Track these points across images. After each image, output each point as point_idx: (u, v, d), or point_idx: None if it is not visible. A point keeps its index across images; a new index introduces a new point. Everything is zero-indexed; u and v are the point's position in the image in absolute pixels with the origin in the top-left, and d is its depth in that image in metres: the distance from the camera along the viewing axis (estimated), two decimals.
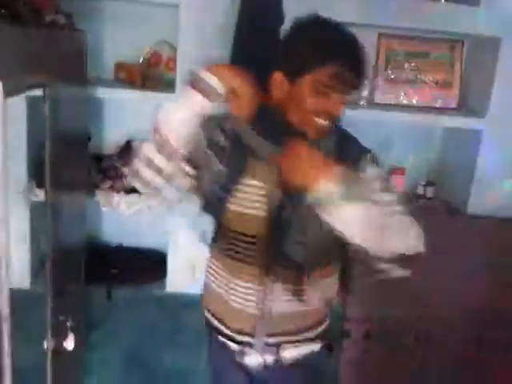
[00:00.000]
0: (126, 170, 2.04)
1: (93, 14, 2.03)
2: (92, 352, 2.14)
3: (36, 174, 1.96)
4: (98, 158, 2.15)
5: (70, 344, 1.48)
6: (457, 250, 2.04)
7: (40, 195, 1.87)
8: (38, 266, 2.02)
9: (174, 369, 2.21)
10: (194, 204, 1.42)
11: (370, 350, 2.15)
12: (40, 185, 1.89)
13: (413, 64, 2.18)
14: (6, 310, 1.02)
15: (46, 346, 1.42)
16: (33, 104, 1.84)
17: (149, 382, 2.23)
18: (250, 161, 1.23)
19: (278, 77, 1.17)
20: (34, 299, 1.47)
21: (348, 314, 2.10)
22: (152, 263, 2.28)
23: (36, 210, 1.93)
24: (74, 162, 1.67)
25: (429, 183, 2.33)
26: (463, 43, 2.20)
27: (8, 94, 0.93)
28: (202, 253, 2.06)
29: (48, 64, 1.24)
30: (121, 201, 1.99)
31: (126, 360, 2.19)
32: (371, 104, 2.18)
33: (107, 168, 2.07)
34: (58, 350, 1.45)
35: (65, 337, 1.48)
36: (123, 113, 2.23)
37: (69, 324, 1.47)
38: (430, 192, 2.32)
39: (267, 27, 1.77)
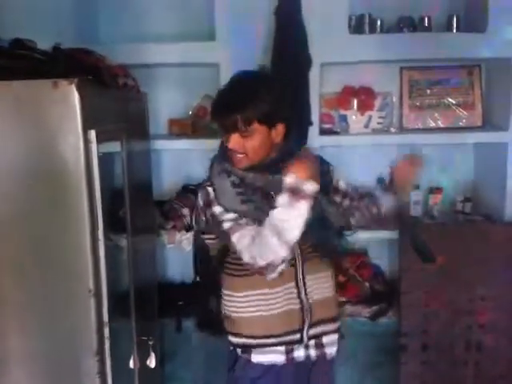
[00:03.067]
0: (184, 211, 2.29)
1: (147, 79, 2.36)
2: (166, 382, 2.32)
3: (109, 220, 2.22)
4: (159, 202, 2.42)
5: (151, 362, 1.69)
6: (501, 258, 2.15)
7: (114, 239, 2.12)
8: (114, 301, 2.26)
9: None
10: None
11: (428, 362, 2.23)
12: (114, 230, 2.15)
13: (435, 90, 2.37)
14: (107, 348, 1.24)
15: (132, 364, 1.62)
16: (102, 158, 2.14)
17: None
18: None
19: None
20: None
21: (403, 328, 2.21)
22: None
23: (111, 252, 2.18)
24: (143, 208, 1.93)
25: (466, 199, 2.46)
26: (480, 67, 2.38)
27: (99, 141, 1.19)
28: None
29: (123, 119, 1.52)
30: (182, 238, 2.23)
31: None
32: (401, 129, 2.38)
33: (168, 210, 2.32)
34: (142, 368, 1.66)
35: (147, 355, 1.68)
36: (177, 162, 2.52)
37: (150, 343, 1.68)
38: (468, 208, 2.45)
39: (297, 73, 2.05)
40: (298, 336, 1.47)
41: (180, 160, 2.51)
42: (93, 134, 1.15)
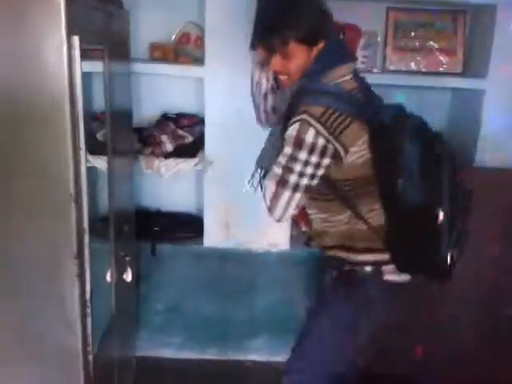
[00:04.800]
0: (163, 138, 2.30)
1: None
2: (141, 301, 2.41)
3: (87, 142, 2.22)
4: (138, 129, 2.42)
5: (128, 276, 1.76)
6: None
7: (92, 161, 2.12)
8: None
9: (214, 316, 2.48)
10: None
11: None
12: (92, 152, 2.15)
13: (419, 33, 2.38)
14: (87, 253, 1.29)
15: (109, 277, 1.69)
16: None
17: (191, 328, 2.50)
18: None
19: None
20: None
21: None
22: (189, 224, 2.54)
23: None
24: (123, 132, 1.93)
25: None
26: (465, 13, 2.39)
27: (82, 57, 1.18)
28: (234, 211, 2.37)
29: (105, 35, 1.50)
30: (160, 164, 2.25)
31: (171, 308, 2.46)
32: (384, 71, 2.40)
33: (147, 137, 2.33)
34: (119, 282, 1.73)
35: (124, 270, 1.75)
36: (158, 89, 2.49)
37: (127, 259, 1.74)
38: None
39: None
40: None
41: (160, 87, 2.48)
42: (76, 39, 1.14)
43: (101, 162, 1.94)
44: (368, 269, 1.49)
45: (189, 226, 2.53)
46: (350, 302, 1.51)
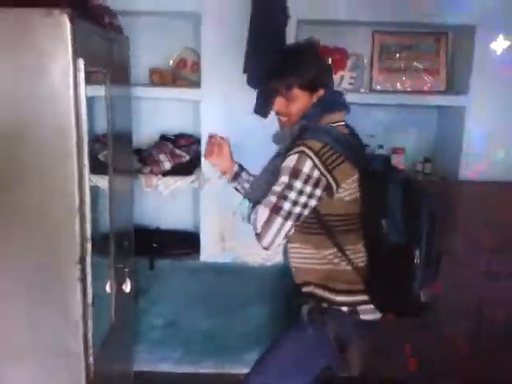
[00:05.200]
0: (161, 157, 2.40)
1: (128, 27, 2.42)
2: (140, 315, 2.47)
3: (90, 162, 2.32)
4: (137, 150, 2.52)
5: (127, 287, 1.83)
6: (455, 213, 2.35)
7: (94, 181, 2.22)
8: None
9: (210, 330, 2.53)
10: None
11: None
12: (94, 172, 2.24)
13: (404, 54, 2.52)
14: (89, 260, 1.37)
15: (108, 288, 1.76)
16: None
17: (188, 343, 2.55)
18: None
19: None
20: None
21: None
22: (186, 240, 2.63)
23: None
24: (123, 152, 2.03)
25: (426, 160, 2.64)
26: (447, 35, 2.53)
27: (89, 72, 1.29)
28: (230, 226, 2.45)
29: (107, 59, 1.61)
30: (159, 182, 2.35)
31: (169, 322, 2.52)
32: (371, 91, 2.53)
33: (146, 157, 2.43)
34: (118, 293, 1.80)
35: (123, 281, 1.82)
36: (156, 112, 2.61)
37: (126, 270, 1.81)
38: (427, 168, 2.63)
39: (274, 29, 2.14)
40: None
41: (159, 110, 2.60)
42: (81, 62, 1.25)
43: (102, 182, 2.04)
44: (345, 309, 1.54)
45: (186, 242, 2.62)
46: (324, 335, 1.54)
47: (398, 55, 2.51)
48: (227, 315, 2.52)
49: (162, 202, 2.57)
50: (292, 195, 1.44)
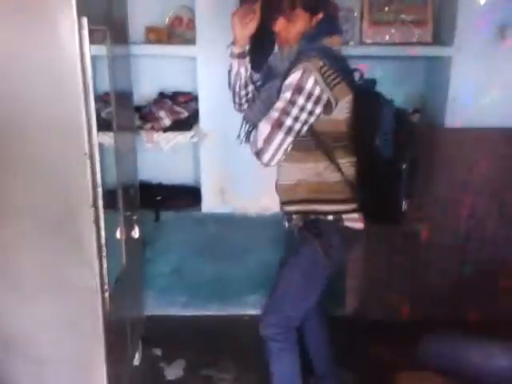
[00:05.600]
0: (161, 113, 2.51)
1: None
2: (147, 265, 2.65)
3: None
4: (137, 108, 2.63)
5: (136, 233, 1.99)
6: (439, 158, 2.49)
7: (98, 138, 2.33)
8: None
9: (214, 276, 2.72)
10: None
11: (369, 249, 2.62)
12: (98, 129, 2.36)
13: (393, 7, 2.58)
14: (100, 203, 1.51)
15: (118, 235, 1.91)
16: None
17: (193, 288, 2.74)
18: None
19: None
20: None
21: None
22: (188, 193, 2.76)
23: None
24: (125, 110, 2.14)
25: (415, 111, 2.74)
26: None
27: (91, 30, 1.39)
28: (229, 179, 2.59)
29: (108, 19, 1.71)
30: (160, 137, 2.47)
31: (174, 270, 2.70)
32: (361, 43, 2.61)
33: (146, 114, 2.54)
34: (128, 239, 1.95)
35: (132, 228, 1.98)
36: (154, 69, 2.70)
37: (134, 218, 1.97)
38: (416, 118, 2.74)
39: None
40: None
41: (156, 67, 2.68)
42: (85, 20, 1.35)
43: (106, 138, 2.16)
44: (330, 217, 1.69)
45: (188, 195, 2.75)
46: (316, 248, 1.69)
47: (386, 8, 2.58)
48: (229, 262, 2.70)
49: (163, 157, 2.69)
50: (294, 111, 1.52)
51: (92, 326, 1.56)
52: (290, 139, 1.55)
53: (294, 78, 1.53)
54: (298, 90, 1.51)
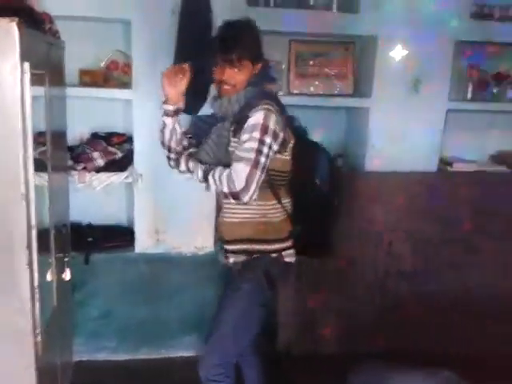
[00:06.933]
0: (95, 154, 2.52)
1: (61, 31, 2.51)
2: (77, 308, 2.57)
3: None
4: (70, 147, 2.61)
5: (67, 275, 1.96)
6: (361, 200, 2.69)
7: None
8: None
9: (146, 318, 2.68)
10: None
11: (300, 286, 2.73)
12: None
13: (317, 61, 2.82)
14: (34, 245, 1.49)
15: (49, 277, 1.87)
16: None
17: (124, 331, 2.69)
18: None
19: None
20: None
21: None
22: (120, 234, 2.75)
23: None
24: (59, 150, 2.13)
25: (338, 155, 2.96)
26: (354, 44, 2.86)
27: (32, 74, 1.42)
28: (163, 219, 2.62)
29: (47, 63, 1.74)
30: (93, 178, 2.47)
31: (105, 313, 2.64)
32: (289, 93, 2.81)
33: (79, 154, 2.54)
34: (59, 280, 1.92)
35: (63, 270, 1.95)
36: (87, 111, 2.71)
37: (66, 260, 1.94)
38: (339, 162, 2.96)
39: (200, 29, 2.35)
40: None
41: (89, 108, 2.69)
42: (27, 65, 1.38)
43: (38, 179, 2.13)
44: (274, 255, 1.81)
45: (120, 236, 2.74)
46: (260, 282, 1.80)
47: (311, 62, 2.81)
48: (162, 303, 2.69)
49: (95, 197, 2.68)
50: (265, 149, 1.65)
51: (23, 370, 1.51)
52: (263, 176, 1.68)
53: (257, 118, 1.65)
54: (265, 129, 1.65)
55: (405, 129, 2.74)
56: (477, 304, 2.87)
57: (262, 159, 1.65)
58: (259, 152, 1.64)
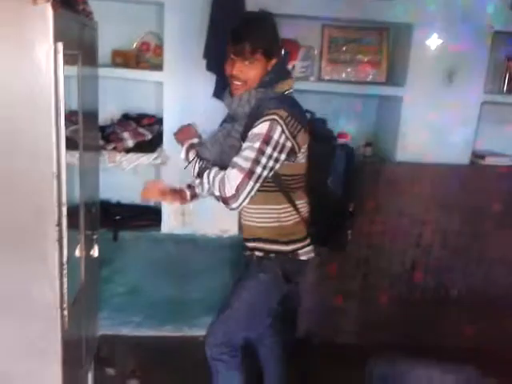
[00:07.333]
0: (125, 135, 2.56)
1: (95, 11, 2.54)
2: (103, 284, 2.64)
3: None
4: (101, 127, 2.66)
5: (95, 252, 2.01)
6: (389, 191, 2.66)
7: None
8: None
9: (171, 296, 2.74)
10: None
11: (322, 275, 2.73)
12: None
13: (350, 47, 2.77)
14: (64, 222, 1.54)
15: (78, 253, 1.92)
16: None
17: (149, 308, 2.75)
18: None
19: None
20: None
21: None
22: (148, 214, 2.81)
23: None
24: (91, 129, 2.17)
25: (367, 144, 2.92)
26: (388, 30, 2.80)
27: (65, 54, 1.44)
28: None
29: (80, 43, 1.76)
30: (122, 158, 2.51)
31: (131, 290, 2.71)
32: (320, 80, 2.77)
33: (110, 134, 2.58)
34: (87, 257, 1.97)
35: (91, 247, 2.00)
36: (119, 91, 2.74)
37: (94, 237, 1.99)
38: (368, 151, 2.92)
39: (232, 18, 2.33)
40: None
41: (121, 89, 2.73)
42: (60, 45, 1.40)
43: (69, 157, 2.18)
44: (290, 255, 1.82)
45: (148, 215, 2.80)
46: (274, 275, 1.81)
47: (344, 48, 2.76)
48: (186, 282, 2.74)
49: (124, 177, 2.72)
50: (263, 160, 1.60)
51: (49, 343, 1.56)
52: (257, 185, 1.64)
53: (262, 128, 1.60)
54: (267, 140, 1.59)
55: (438, 120, 2.68)
56: (505, 300, 2.82)
57: (259, 169, 1.61)
58: (256, 162, 1.60)
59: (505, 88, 2.86)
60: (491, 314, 2.80)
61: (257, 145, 1.60)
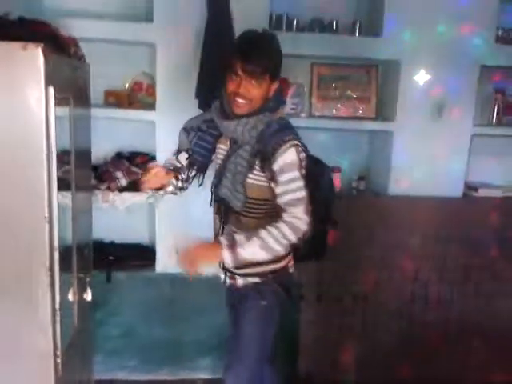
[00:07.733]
0: (118, 174, 2.55)
1: (87, 53, 2.57)
2: (97, 327, 2.58)
3: None
4: (94, 167, 2.66)
5: (88, 296, 1.97)
6: (383, 224, 2.65)
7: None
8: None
9: (166, 338, 2.68)
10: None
11: (321, 311, 2.69)
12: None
13: (339, 84, 2.82)
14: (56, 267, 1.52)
15: (71, 297, 1.88)
16: None
17: (144, 351, 2.68)
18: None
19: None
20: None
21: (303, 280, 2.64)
22: (141, 253, 2.77)
23: None
24: (83, 170, 2.17)
25: (360, 178, 2.94)
26: (377, 67, 2.86)
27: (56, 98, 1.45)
28: (184, 239, 2.62)
29: (71, 85, 1.78)
30: (116, 197, 2.50)
31: (126, 332, 2.64)
32: (310, 116, 2.80)
33: (103, 173, 2.58)
34: (80, 300, 1.93)
35: (84, 290, 1.96)
36: (111, 131, 2.76)
37: (87, 280, 1.95)
38: (362, 185, 2.93)
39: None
40: None
41: (114, 128, 2.74)
42: (51, 89, 1.42)
43: (61, 198, 2.17)
44: (282, 271, 1.87)
45: (142, 254, 2.76)
46: (276, 296, 1.85)
47: (334, 85, 2.81)
48: (182, 324, 2.68)
49: (117, 216, 2.71)
50: (304, 182, 1.70)
51: None
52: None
53: (292, 157, 1.67)
54: (300, 165, 1.69)
55: (429, 153, 2.71)
56: (504, 332, 2.78)
57: (307, 191, 1.70)
58: (304, 187, 1.69)
59: (494, 120, 2.91)
60: (492, 347, 2.76)
61: (297, 174, 1.68)
